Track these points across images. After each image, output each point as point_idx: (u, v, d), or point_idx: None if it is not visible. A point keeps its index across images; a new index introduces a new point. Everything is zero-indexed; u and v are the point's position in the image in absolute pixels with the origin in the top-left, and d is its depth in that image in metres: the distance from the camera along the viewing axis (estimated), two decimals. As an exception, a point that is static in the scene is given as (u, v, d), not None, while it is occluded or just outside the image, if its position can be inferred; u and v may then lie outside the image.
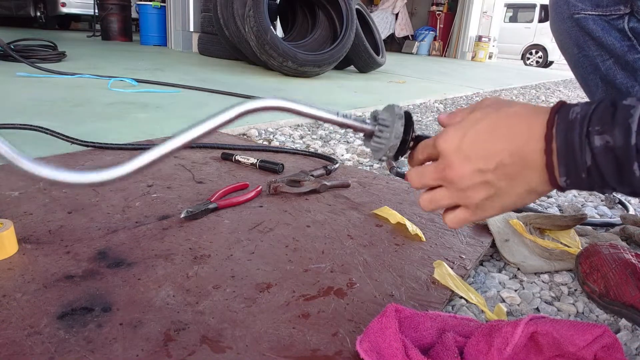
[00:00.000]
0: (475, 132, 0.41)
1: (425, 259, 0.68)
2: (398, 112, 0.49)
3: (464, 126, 0.42)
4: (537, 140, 0.38)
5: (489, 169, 0.40)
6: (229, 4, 3.30)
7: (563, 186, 0.38)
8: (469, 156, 0.41)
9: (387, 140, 0.49)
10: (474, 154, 0.41)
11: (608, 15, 0.60)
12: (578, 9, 0.61)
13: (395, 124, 0.48)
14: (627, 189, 0.36)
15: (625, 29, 0.59)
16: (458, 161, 0.42)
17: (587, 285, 0.65)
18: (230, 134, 1.39)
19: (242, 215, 0.77)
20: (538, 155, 0.38)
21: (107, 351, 0.44)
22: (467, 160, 0.41)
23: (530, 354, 0.44)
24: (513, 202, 0.42)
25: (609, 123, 0.35)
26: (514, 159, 0.39)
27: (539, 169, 0.39)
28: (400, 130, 0.48)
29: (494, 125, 0.41)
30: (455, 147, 0.42)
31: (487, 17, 9.36)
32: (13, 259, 0.59)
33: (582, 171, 0.36)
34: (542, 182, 0.39)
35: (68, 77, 2.27)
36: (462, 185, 0.42)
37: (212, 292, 0.55)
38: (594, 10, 0.60)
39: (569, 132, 0.36)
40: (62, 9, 7.07)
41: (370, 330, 0.46)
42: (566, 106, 0.38)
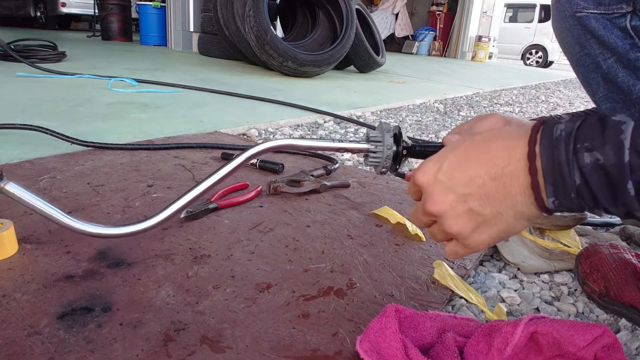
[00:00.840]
0: (451, 159, 0.40)
1: (425, 259, 0.68)
2: (386, 127, 0.54)
3: (439, 158, 0.41)
4: (518, 160, 0.36)
5: (470, 194, 0.39)
6: (229, 4, 3.30)
7: (551, 208, 0.36)
8: (449, 185, 0.40)
9: (381, 154, 0.53)
10: (453, 182, 0.39)
11: (610, 14, 0.59)
12: (580, 7, 0.61)
13: (385, 137, 0.53)
14: (621, 210, 0.34)
15: (628, 27, 0.58)
16: (437, 192, 0.40)
17: (587, 285, 0.65)
18: (231, 134, 1.39)
19: (242, 215, 0.77)
20: (521, 174, 0.36)
21: (107, 351, 0.44)
22: (448, 189, 0.40)
23: (530, 354, 0.44)
24: (503, 230, 0.40)
25: (598, 139, 0.33)
26: (495, 182, 0.37)
27: (523, 191, 0.37)
28: (390, 141, 0.53)
29: (470, 150, 0.40)
30: (433, 178, 0.41)
31: (487, 17, 9.36)
32: (13, 259, 0.59)
33: (571, 191, 0.34)
34: (528, 205, 0.37)
35: (68, 77, 2.27)
36: (447, 217, 0.41)
37: (212, 292, 0.55)
38: (596, 8, 0.60)
39: (555, 149, 0.34)
40: (62, 9, 7.07)
41: (370, 330, 0.46)
42: (548, 124, 0.36)
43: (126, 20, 5.88)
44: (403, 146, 0.53)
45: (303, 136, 1.51)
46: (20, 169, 0.91)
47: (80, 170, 0.92)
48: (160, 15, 5.38)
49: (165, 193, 0.84)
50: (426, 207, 0.42)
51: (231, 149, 1.16)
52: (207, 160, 1.06)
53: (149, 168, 0.97)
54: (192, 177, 0.93)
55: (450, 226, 0.41)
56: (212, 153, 1.12)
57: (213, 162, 1.05)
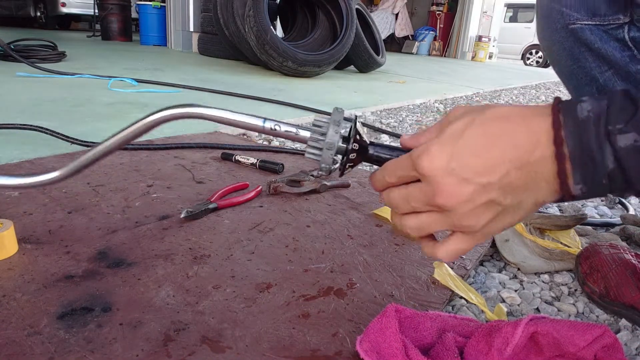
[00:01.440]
0: (464, 144, 0.35)
1: (425, 259, 0.68)
2: (336, 118, 0.41)
3: (447, 141, 0.36)
4: (545, 146, 0.33)
5: (491, 184, 0.34)
6: (229, 4, 3.30)
7: (577, 195, 0.33)
8: (466, 176, 0.34)
9: (319, 151, 0.42)
10: (471, 171, 0.34)
11: (606, 25, 0.57)
12: (573, 19, 0.58)
13: (330, 131, 0.41)
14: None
15: (626, 38, 0.56)
16: (453, 184, 0.35)
17: (587, 286, 0.65)
18: (230, 134, 1.39)
19: (242, 215, 0.77)
20: (548, 162, 0.33)
21: (107, 351, 0.44)
22: (465, 181, 0.35)
23: (530, 354, 0.44)
24: (518, 218, 0.37)
25: (633, 120, 0.30)
26: (521, 171, 0.34)
27: (549, 178, 0.34)
28: (334, 138, 0.41)
29: (485, 132, 0.35)
30: (444, 167, 0.35)
31: (487, 17, 9.36)
32: (13, 259, 0.58)
33: (602, 176, 0.32)
34: (551, 192, 0.34)
35: (68, 77, 2.27)
36: (462, 210, 0.36)
37: (212, 292, 0.55)
38: (590, 19, 0.58)
39: (583, 133, 0.32)
40: (62, 9, 7.07)
41: (370, 330, 0.46)
42: (569, 103, 0.33)
43: (126, 20, 5.88)
44: (352, 147, 0.41)
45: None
46: (20, 169, 0.91)
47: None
48: (160, 15, 5.39)
49: (165, 193, 0.84)
50: (436, 199, 0.36)
51: (231, 149, 1.16)
52: (207, 160, 1.06)
53: (149, 168, 0.97)
54: (192, 177, 0.93)
55: (464, 218, 0.36)
56: (212, 153, 1.12)
57: (213, 162, 1.05)
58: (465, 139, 0.35)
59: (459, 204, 0.35)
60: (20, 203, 0.75)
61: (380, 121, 1.93)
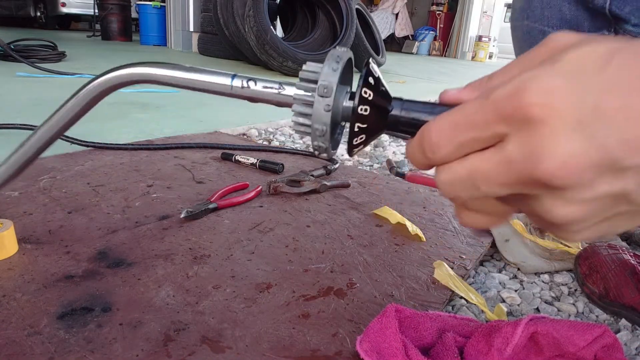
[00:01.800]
0: (610, 85, 0.19)
1: (425, 259, 0.68)
2: (332, 63, 0.27)
3: (574, 73, 0.20)
4: None
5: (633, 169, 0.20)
6: (229, 4, 3.30)
7: None
8: (605, 143, 0.19)
9: (313, 113, 0.27)
10: (616, 137, 0.19)
11: None
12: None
13: (323, 74, 0.26)
14: None
15: None
16: (577, 150, 0.20)
17: (586, 287, 0.65)
18: (230, 134, 1.39)
19: (242, 215, 0.77)
20: None
21: (107, 351, 0.44)
22: (601, 150, 0.19)
23: (530, 354, 0.44)
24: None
25: None
26: None
27: None
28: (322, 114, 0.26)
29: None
30: (570, 115, 0.19)
31: (487, 17, 9.36)
32: (13, 259, 0.59)
33: None
34: None
35: (68, 77, 2.27)
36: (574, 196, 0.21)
37: (212, 292, 0.55)
38: None
39: None
40: (62, 9, 7.07)
41: (370, 330, 0.46)
42: None
43: (126, 20, 5.88)
44: (358, 106, 0.26)
45: (303, 136, 1.51)
46: (20, 169, 0.91)
47: (80, 170, 0.92)
48: (160, 15, 5.39)
49: (165, 193, 0.84)
50: (538, 169, 0.20)
51: (231, 149, 1.16)
52: (207, 160, 1.06)
53: (149, 168, 0.97)
54: (192, 177, 0.93)
55: (565, 213, 0.22)
56: (212, 153, 1.12)
57: (213, 162, 1.05)
58: (609, 75, 0.19)
59: (574, 185, 0.20)
60: (20, 203, 0.75)
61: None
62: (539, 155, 0.20)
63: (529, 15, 0.59)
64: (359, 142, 0.27)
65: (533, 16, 0.59)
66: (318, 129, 0.27)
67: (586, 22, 0.55)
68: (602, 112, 0.19)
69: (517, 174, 0.21)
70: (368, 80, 0.26)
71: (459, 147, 0.22)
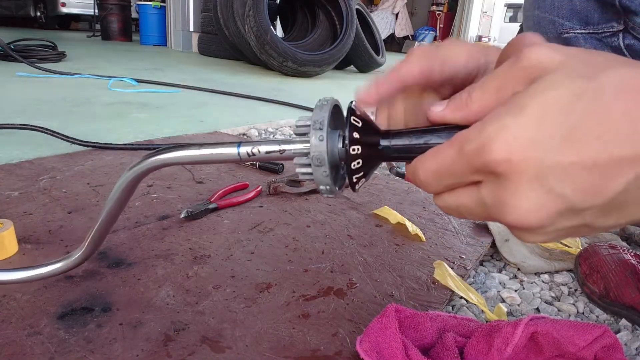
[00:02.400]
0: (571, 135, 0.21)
1: (425, 259, 0.68)
2: (316, 117, 0.29)
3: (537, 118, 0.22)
4: None
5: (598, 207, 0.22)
6: (229, 4, 3.30)
7: None
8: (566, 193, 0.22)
9: (310, 169, 0.30)
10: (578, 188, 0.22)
11: (600, 33, 0.55)
12: (566, 28, 0.57)
13: (312, 139, 0.29)
14: None
15: (621, 46, 0.55)
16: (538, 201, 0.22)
17: (586, 287, 0.65)
18: (230, 134, 1.39)
19: (242, 215, 0.77)
20: None
21: (107, 351, 0.44)
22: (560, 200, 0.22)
23: (530, 354, 0.44)
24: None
25: None
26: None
27: None
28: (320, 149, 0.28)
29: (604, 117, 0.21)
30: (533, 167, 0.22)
31: (487, 17, 9.36)
32: (13, 259, 0.59)
33: None
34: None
35: (68, 77, 2.27)
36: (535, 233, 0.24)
37: (212, 292, 0.55)
38: (583, 28, 0.56)
39: None
40: (62, 9, 7.07)
41: (370, 330, 0.46)
42: None
43: (126, 20, 5.88)
44: (352, 150, 0.29)
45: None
46: (20, 169, 0.91)
47: (80, 170, 0.92)
48: (160, 15, 5.39)
49: (165, 193, 0.84)
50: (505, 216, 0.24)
51: (231, 149, 1.15)
52: (207, 160, 1.06)
53: (149, 168, 0.97)
54: (192, 177, 0.93)
55: (531, 240, 0.25)
56: (212, 153, 1.12)
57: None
58: (570, 125, 0.21)
59: (535, 227, 0.23)
60: (20, 203, 0.75)
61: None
62: (505, 206, 0.23)
63: (539, 5, 0.60)
64: (359, 178, 0.30)
65: (544, 6, 0.59)
66: (324, 188, 0.30)
67: (596, 13, 0.55)
68: (561, 166, 0.21)
69: (492, 215, 0.25)
70: (352, 123, 0.29)
71: (445, 186, 0.27)
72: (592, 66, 0.22)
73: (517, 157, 0.22)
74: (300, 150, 0.30)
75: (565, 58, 0.23)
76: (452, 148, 0.25)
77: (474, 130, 0.24)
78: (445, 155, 0.25)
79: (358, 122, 0.29)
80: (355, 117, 0.29)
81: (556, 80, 0.22)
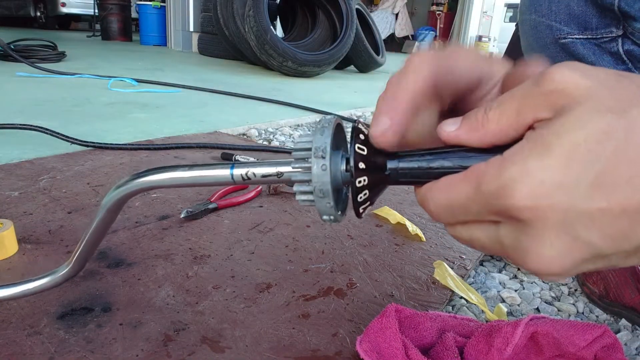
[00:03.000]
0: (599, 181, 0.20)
1: (425, 259, 0.68)
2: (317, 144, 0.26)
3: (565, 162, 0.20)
4: None
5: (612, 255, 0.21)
6: (229, 4, 3.30)
7: None
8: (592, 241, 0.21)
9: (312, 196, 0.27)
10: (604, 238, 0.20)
11: (599, 39, 0.55)
12: (564, 33, 0.56)
13: (314, 168, 0.26)
14: None
15: (620, 52, 0.55)
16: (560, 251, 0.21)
17: (586, 287, 0.65)
18: (230, 134, 1.39)
19: (242, 215, 0.77)
20: None
21: (107, 351, 0.44)
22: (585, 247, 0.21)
23: (530, 354, 0.44)
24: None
25: None
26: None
27: None
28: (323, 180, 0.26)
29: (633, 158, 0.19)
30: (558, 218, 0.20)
31: (487, 17, 9.36)
32: (13, 259, 0.58)
33: None
34: None
35: (68, 77, 2.27)
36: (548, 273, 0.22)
37: (212, 292, 0.55)
38: (582, 33, 0.55)
39: None
40: (62, 9, 7.07)
41: (370, 331, 0.46)
42: None
43: (126, 20, 5.88)
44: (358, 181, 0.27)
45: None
46: (20, 169, 0.91)
47: (80, 170, 0.92)
48: (160, 15, 5.39)
49: (165, 193, 0.84)
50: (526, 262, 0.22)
51: (231, 149, 1.15)
52: (207, 160, 1.06)
53: (149, 168, 0.97)
54: (192, 177, 0.93)
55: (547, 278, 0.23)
56: (212, 153, 1.12)
57: (213, 162, 1.05)
58: (599, 168, 0.20)
59: (558, 275, 0.22)
60: (20, 203, 0.75)
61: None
62: (526, 252, 0.22)
63: (536, 9, 0.59)
64: (365, 207, 0.29)
65: (540, 10, 0.58)
66: (327, 218, 0.28)
67: (595, 18, 0.54)
68: (588, 213, 0.20)
69: (509, 256, 0.23)
70: (357, 151, 0.26)
71: (457, 221, 0.25)
72: (622, 98, 0.20)
73: (542, 204, 0.20)
74: (301, 177, 0.28)
75: (593, 85, 0.21)
76: (468, 184, 0.23)
77: (492, 168, 0.22)
78: (459, 191, 0.23)
79: (363, 149, 0.27)
80: (360, 144, 0.27)
81: (584, 117, 0.20)
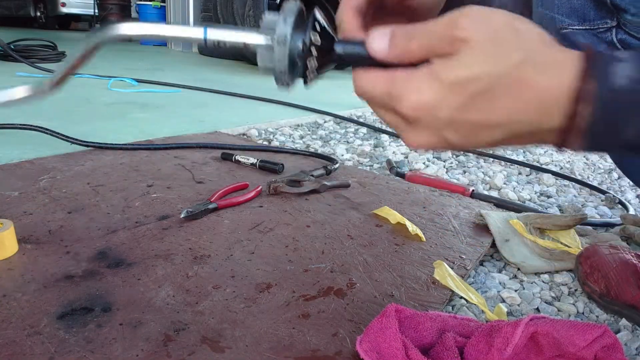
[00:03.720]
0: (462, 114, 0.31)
1: (425, 259, 0.68)
2: (289, 10, 0.34)
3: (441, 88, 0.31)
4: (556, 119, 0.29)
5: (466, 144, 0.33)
6: (229, 4, 3.30)
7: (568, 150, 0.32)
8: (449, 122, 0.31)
9: (272, 53, 0.34)
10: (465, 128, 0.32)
11: (596, 29, 0.60)
12: (565, 24, 0.61)
13: (280, 23, 0.33)
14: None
15: (614, 41, 0.59)
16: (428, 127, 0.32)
17: (587, 286, 0.65)
18: (231, 134, 1.39)
19: (242, 215, 0.77)
20: (552, 136, 0.31)
21: (107, 351, 0.44)
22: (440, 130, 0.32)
23: (530, 354, 0.44)
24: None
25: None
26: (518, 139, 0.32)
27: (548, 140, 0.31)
28: (285, 30, 0.33)
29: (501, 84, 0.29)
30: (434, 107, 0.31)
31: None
32: (13, 259, 0.58)
33: (610, 146, 0.31)
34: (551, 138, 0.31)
35: (68, 77, 2.27)
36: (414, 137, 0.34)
37: (212, 292, 0.55)
38: (581, 24, 0.61)
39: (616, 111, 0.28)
40: (62, 9, 7.07)
41: (370, 331, 0.46)
42: (601, 61, 0.28)
43: (126, 20, 5.88)
44: (311, 40, 0.34)
45: (303, 136, 1.51)
46: (20, 169, 0.91)
47: (80, 170, 0.92)
48: (160, 15, 5.39)
49: (165, 193, 0.84)
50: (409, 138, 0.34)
51: (231, 149, 1.15)
52: (207, 160, 1.06)
53: (149, 168, 0.97)
54: (192, 177, 0.93)
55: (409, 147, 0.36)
56: (212, 153, 1.12)
57: (213, 162, 1.05)
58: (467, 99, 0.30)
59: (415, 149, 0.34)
60: (20, 203, 0.75)
61: (380, 121, 1.93)
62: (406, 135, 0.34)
63: (543, 3, 0.66)
64: (313, 76, 0.36)
65: (546, 4, 0.65)
66: (279, 69, 0.34)
67: (592, 11, 0.60)
68: (450, 122, 0.31)
69: (398, 134, 0.35)
70: (315, 27, 0.34)
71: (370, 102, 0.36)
72: (502, 53, 0.29)
73: (420, 113, 0.31)
74: (264, 44, 0.34)
75: (485, 37, 0.29)
76: (384, 85, 0.33)
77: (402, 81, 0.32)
78: (378, 87, 0.33)
79: (320, 23, 0.34)
80: (318, 19, 0.34)
81: (469, 61, 0.30)
